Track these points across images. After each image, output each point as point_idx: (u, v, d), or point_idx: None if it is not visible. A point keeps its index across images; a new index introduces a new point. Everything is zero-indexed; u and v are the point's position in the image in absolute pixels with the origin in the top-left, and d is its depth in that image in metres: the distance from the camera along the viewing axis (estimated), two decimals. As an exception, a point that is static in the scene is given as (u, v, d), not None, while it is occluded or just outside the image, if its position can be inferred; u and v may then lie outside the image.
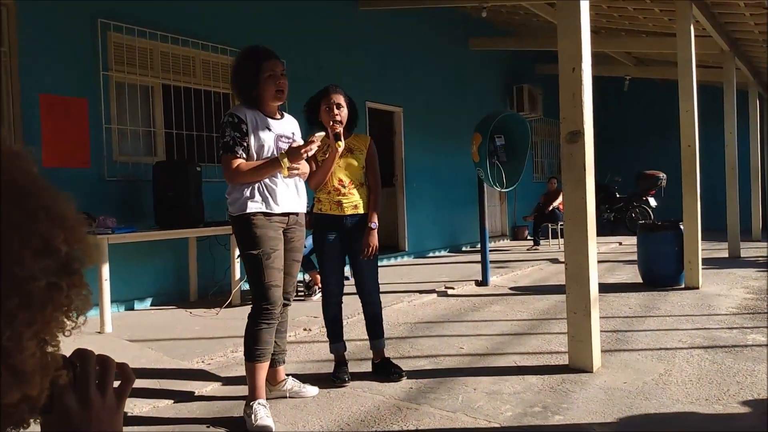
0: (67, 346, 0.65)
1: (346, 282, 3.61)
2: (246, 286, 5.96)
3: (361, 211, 3.40)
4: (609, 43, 9.59)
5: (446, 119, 9.91)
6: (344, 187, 3.35)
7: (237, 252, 5.50)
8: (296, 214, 2.98)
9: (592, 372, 3.43)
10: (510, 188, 6.82)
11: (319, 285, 5.92)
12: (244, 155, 2.81)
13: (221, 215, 5.81)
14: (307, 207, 3.15)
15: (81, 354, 0.64)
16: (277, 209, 2.85)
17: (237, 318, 4.75)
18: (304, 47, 7.20)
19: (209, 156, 6.27)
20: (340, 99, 3.34)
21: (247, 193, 2.81)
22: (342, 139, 3.26)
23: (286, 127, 2.99)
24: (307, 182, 3.30)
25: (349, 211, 3.36)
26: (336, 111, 3.29)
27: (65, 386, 0.61)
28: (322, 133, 2.93)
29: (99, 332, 4.43)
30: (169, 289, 5.79)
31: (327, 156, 3.31)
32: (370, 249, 3.37)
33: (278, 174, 2.85)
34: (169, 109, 5.95)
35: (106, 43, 5.38)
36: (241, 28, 6.42)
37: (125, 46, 5.53)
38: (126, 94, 5.61)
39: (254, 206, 2.80)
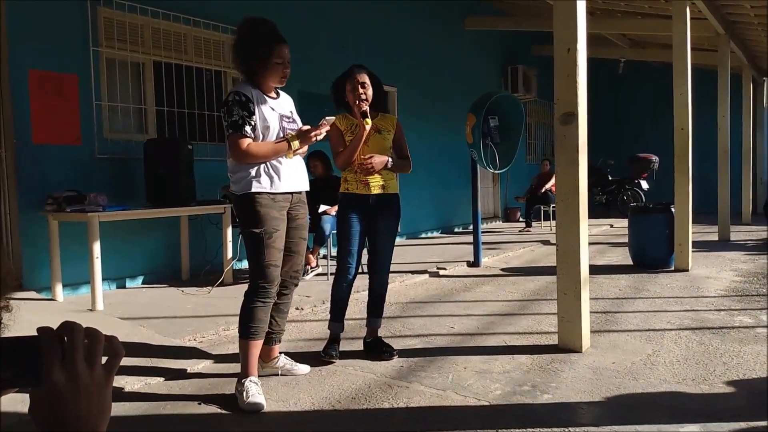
0: (55, 320, 0.65)
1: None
2: (238, 265, 5.97)
3: (388, 191, 3.39)
4: (604, 25, 9.53)
5: (440, 99, 9.85)
6: None
7: (230, 231, 5.51)
8: (299, 192, 2.98)
9: (581, 352, 3.47)
10: (503, 170, 6.82)
11: (312, 265, 5.96)
12: (252, 135, 2.80)
13: (213, 194, 5.79)
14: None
15: (69, 327, 0.63)
16: (282, 188, 2.85)
17: (229, 296, 4.75)
18: (296, 25, 7.11)
19: (201, 134, 6.21)
20: (365, 78, 3.32)
21: (253, 172, 2.80)
22: (369, 116, 3.24)
23: (284, 106, 2.98)
24: (334, 161, 3.31)
25: (375, 191, 3.35)
26: (361, 90, 3.28)
27: (53, 359, 0.61)
28: (333, 118, 2.91)
29: (90, 310, 4.43)
30: (161, 268, 5.78)
31: (355, 135, 3.29)
32: (372, 158, 3.27)
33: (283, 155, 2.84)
34: (160, 86, 5.88)
35: (96, 18, 5.29)
36: (233, 5, 6.32)
37: (115, 22, 5.44)
38: (117, 71, 5.54)
39: (259, 186, 2.80)
